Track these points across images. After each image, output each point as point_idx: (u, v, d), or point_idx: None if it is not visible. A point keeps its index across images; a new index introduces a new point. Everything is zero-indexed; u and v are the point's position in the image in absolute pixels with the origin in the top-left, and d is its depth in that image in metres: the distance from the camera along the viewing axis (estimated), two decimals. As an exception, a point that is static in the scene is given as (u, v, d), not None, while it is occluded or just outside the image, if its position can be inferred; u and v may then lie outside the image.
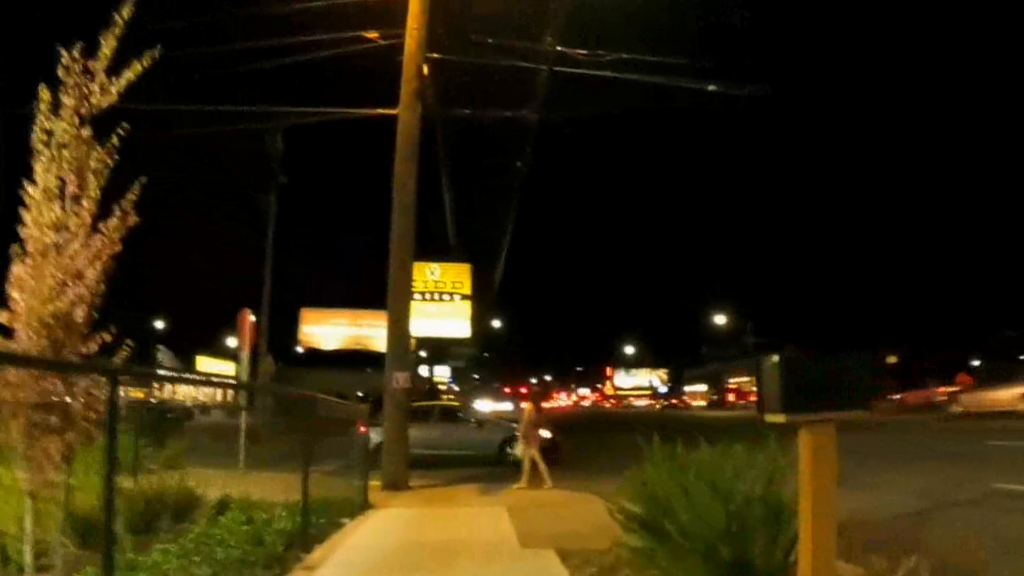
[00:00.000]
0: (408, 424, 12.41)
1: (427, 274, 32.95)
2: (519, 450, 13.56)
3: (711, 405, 73.42)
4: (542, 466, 12.83)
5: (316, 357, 48.36)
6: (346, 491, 10.41)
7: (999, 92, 58.53)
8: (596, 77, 15.13)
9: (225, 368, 56.89)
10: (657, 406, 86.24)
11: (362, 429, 18.09)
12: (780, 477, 5.05)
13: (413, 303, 33.19)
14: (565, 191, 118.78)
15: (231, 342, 48.93)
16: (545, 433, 16.72)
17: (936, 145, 67.10)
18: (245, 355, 16.63)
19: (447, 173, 19.25)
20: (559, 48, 14.70)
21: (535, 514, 9.72)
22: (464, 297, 33.12)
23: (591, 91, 16.91)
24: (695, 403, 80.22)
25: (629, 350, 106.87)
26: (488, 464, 16.88)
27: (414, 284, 34.02)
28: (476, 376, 73.04)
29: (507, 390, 73.54)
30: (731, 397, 70.54)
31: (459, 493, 12.39)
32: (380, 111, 14.14)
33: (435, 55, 14.38)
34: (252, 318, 16.51)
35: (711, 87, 15.25)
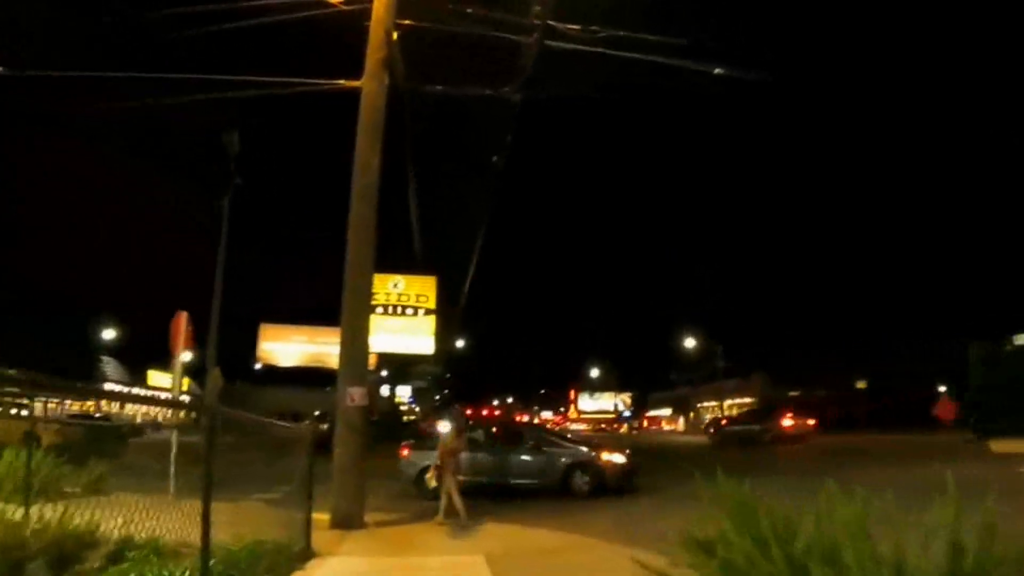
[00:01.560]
0: (364, 449, 10.26)
1: (389, 286, 30.90)
2: (431, 481, 11.61)
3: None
4: (456, 498, 11.09)
5: (274, 374, 46.97)
6: (284, 529, 8.36)
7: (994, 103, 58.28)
8: (581, 60, 13.30)
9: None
10: (622, 429, 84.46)
11: (404, 453, 16.14)
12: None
13: (374, 317, 31.07)
14: (530, 210, 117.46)
15: (186, 356, 46.23)
16: (618, 458, 15.31)
17: (907, 165, 66.86)
18: (178, 361, 14.35)
19: (414, 167, 17.15)
20: (549, 22, 12.81)
21: (525, 567, 7.69)
22: (428, 312, 31.07)
23: (574, 75, 15.09)
24: (668, 427, 78.42)
25: (594, 373, 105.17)
26: (552, 493, 14.63)
27: (375, 297, 32.19)
28: (437, 397, 70.59)
29: (469, 412, 71.31)
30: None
31: (425, 533, 10.28)
32: (342, 82, 12.12)
33: (407, 22, 12.42)
34: (186, 322, 14.21)
35: (716, 70, 13.41)
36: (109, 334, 59.50)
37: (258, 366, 45.71)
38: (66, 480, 11.63)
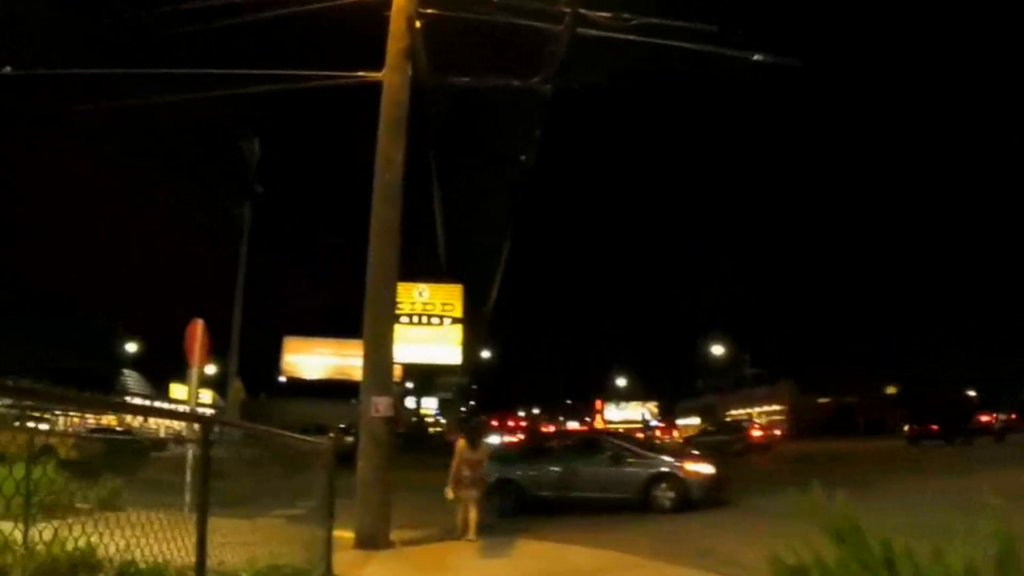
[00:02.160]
0: (389, 462, 9.56)
1: (415, 295, 30.29)
2: (448, 494, 10.82)
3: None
4: (473, 514, 10.43)
5: (299, 387, 46.80)
6: (304, 550, 7.69)
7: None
8: (608, 48, 12.62)
9: (203, 397, 54.35)
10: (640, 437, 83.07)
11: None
12: None
13: (398, 326, 30.48)
14: (553, 218, 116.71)
15: (209, 369, 46.36)
16: (705, 468, 14.02)
17: (941, 171, 65.39)
18: (195, 371, 13.75)
19: (437, 166, 16.50)
20: (579, 9, 12.13)
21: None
22: (455, 321, 30.39)
23: (600, 65, 14.42)
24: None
25: (621, 383, 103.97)
26: (631, 509, 13.36)
27: (400, 306, 31.61)
28: (463, 409, 69.95)
29: (495, 423, 70.48)
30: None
31: (456, 552, 9.55)
32: (362, 74, 11.51)
33: (429, 11, 11.80)
34: (203, 330, 13.61)
35: (755, 56, 12.62)
36: (132, 347, 59.47)
37: (282, 379, 45.62)
38: (78, 496, 11.15)
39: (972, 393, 52.31)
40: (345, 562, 8.45)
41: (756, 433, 40.45)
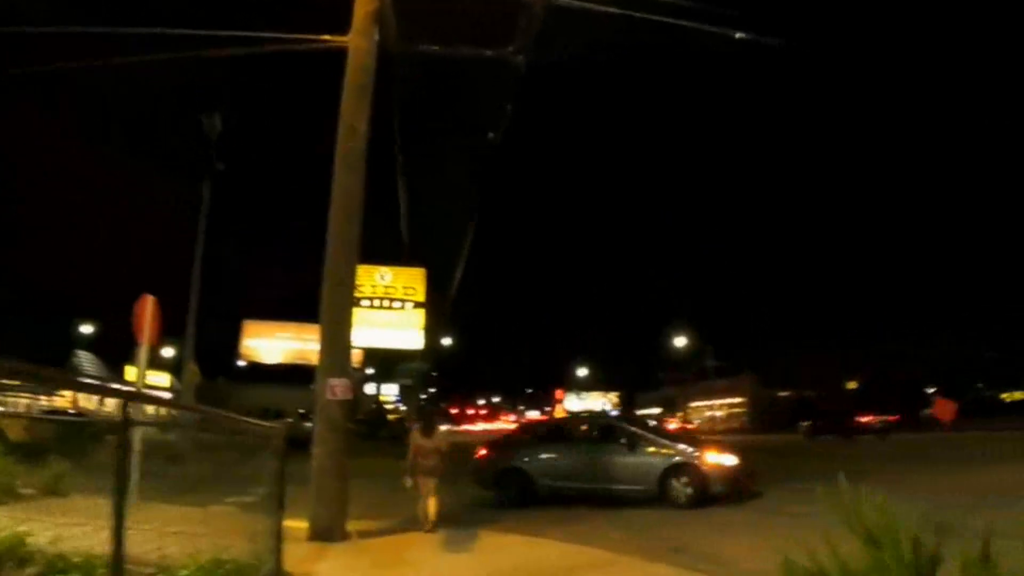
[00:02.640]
0: (346, 449, 8.94)
1: (376, 278, 29.54)
2: (406, 483, 10.24)
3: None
4: (432, 505, 9.99)
5: (258, 372, 46.19)
6: (252, 543, 7.08)
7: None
8: (581, 22, 12.10)
9: (160, 380, 53.30)
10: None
11: (483, 453, 14.26)
12: None
13: (359, 310, 29.84)
14: (516, 206, 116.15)
15: (167, 352, 45.36)
16: (727, 459, 12.65)
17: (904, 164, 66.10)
18: (143, 350, 12.89)
19: (402, 142, 15.84)
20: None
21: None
22: (417, 305, 29.69)
23: (574, 39, 13.87)
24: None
25: (582, 373, 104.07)
26: (650, 502, 12.25)
27: (360, 289, 30.81)
28: (423, 396, 69.25)
29: (455, 411, 69.95)
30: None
31: (418, 545, 8.98)
32: (326, 38, 10.80)
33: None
34: (154, 308, 12.74)
35: (737, 35, 12.15)
36: (87, 329, 57.73)
37: (241, 363, 44.80)
38: (21, 481, 10.56)
39: (931, 390, 53.00)
40: (297, 556, 7.85)
41: (672, 427, 44.42)
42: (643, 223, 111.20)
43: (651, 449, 12.83)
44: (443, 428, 10.86)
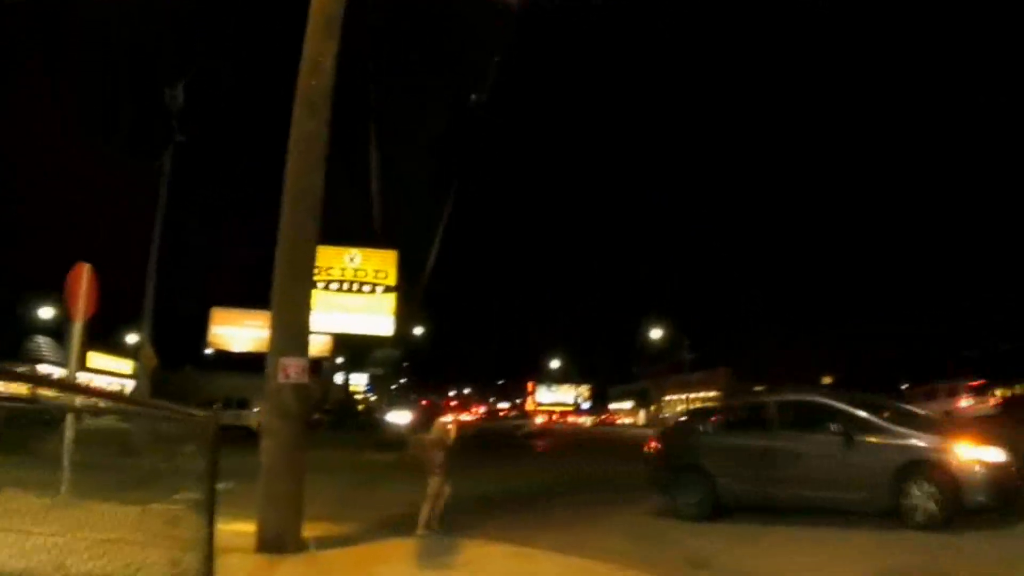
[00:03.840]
0: (302, 442, 7.42)
1: (345, 260, 27.98)
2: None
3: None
4: (424, 508, 8.68)
5: (227, 360, 44.80)
6: (188, 552, 5.71)
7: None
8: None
9: (122, 366, 51.40)
10: (584, 421, 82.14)
11: (653, 445, 11.42)
12: None
13: (328, 294, 28.18)
14: (492, 194, 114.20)
15: (131, 338, 43.58)
16: (992, 454, 8.45)
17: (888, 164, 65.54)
18: (77, 327, 11.26)
19: (376, 114, 14.34)
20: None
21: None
22: (388, 289, 28.13)
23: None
24: (627, 420, 76.26)
25: (555, 364, 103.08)
26: (878, 515, 8.58)
27: (330, 272, 29.19)
28: (394, 387, 67.59)
29: (425, 402, 68.31)
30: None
31: (387, 558, 7.52)
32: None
33: None
34: (90, 277, 11.08)
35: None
36: (46, 312, 55.33)
37: (209, 351, 43.36)
38: None
39: (904, 386, 52.62)
40: (239, 571, 6.39)
41: (539, 420, 52.17)
42: (615, 213, 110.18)
43: (874, 439, 8.90)
44: (443, 420, 9.22)
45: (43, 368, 44.03)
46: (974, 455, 8.37)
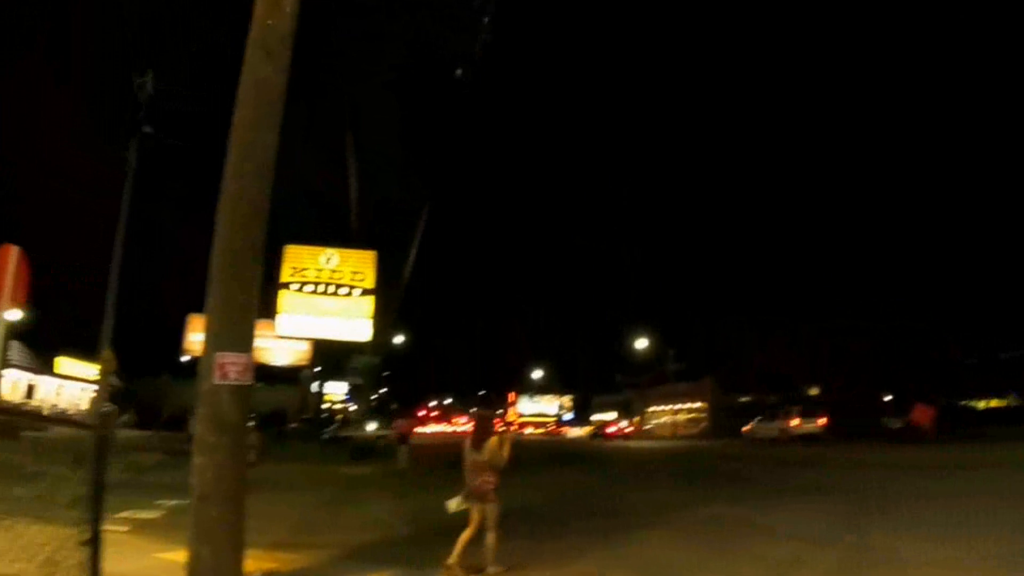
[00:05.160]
0: (243, 459, 5.89)
1: (321, 261, 26.41)
2: (450, 506, 7.38)
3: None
4: (490, 538, 7.11)
5: None
6: None
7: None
8: None
9: (93, 372, 49.29)
10: (568, 432, 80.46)
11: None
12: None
13: (301, 295, 26.54)
14: (474, 198, 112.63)
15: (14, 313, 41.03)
16: None
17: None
18: (2, 319, 9.57)
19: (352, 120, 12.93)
20: None
21: None
22: (366, 292, 26.54)
23: None
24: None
25: (537, 375, 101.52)
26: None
27: (304, 273, 27.62)
28: (374, 397, 65.65)
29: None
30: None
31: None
32: None
33: None
34: (18, 262, 9.46)
35: None
36: (14, 314, 52.93)
37: (185, 358, 41.56)
38: None
39: (888, 397, 51.71)
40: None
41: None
42: (600, 220, 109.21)
43: None
44: (500, 436, 7.55)
45: (9, 373, 42.04)
46: None
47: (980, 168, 50.22)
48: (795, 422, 35.87)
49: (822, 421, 35.61)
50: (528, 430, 71.49)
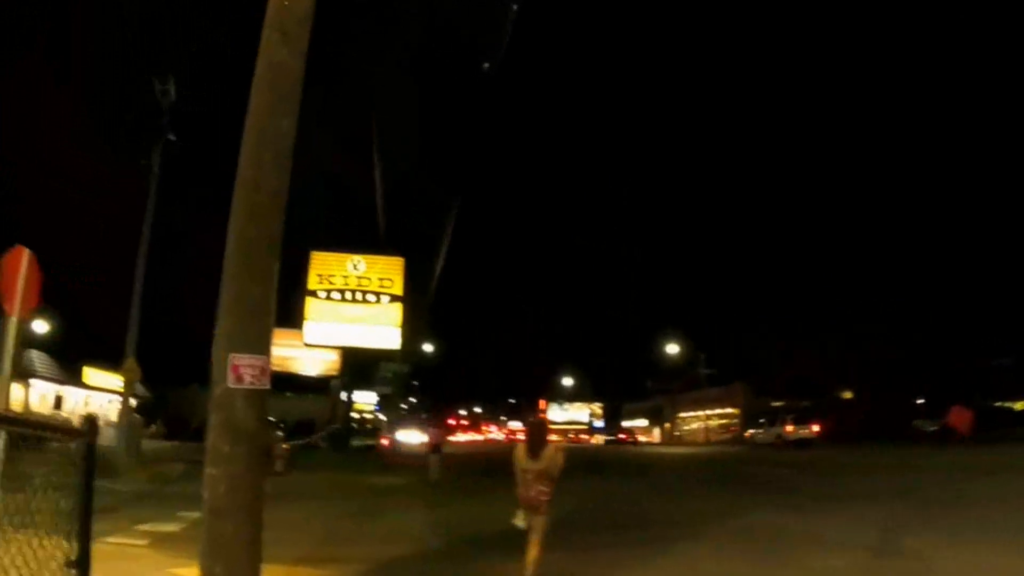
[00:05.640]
0: (259, 469, 5.42)
1: (348, 267, 26.08)
2: (518, 521, 6.86)
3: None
4: (532, 551, 6.66)
5: None
6: None
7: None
8: None
9: (114, 381, 49.43)
10: (594, 439, 79.72)
11: None
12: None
13: (329, 303, 26.15)
14: (498, 207, 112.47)
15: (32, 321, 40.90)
16: None
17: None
18: (13, 323, 9.12)
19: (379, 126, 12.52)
20: None
21: None
22: (394, 299, 26.17)
23: None
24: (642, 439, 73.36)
25: (567, 382, 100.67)
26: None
27: (332, 280, 27.27)
28: (404, 406, 65.29)
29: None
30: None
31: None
32: None
33: None
34: (29, 264, 9.10)
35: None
36: (41, 325, 53.26)
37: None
38: None
39: (920, 400, 50.60)
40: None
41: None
42: (629, 228, 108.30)
43: None
44: (555, 444, 7.12)
45: (36, 384, 42.15)
46: None
47: (1007, 171, 48.82)
48: (789, 428, 38.75)
49: (815, 427, 38.29)
50: (552, 438, 70.69)
